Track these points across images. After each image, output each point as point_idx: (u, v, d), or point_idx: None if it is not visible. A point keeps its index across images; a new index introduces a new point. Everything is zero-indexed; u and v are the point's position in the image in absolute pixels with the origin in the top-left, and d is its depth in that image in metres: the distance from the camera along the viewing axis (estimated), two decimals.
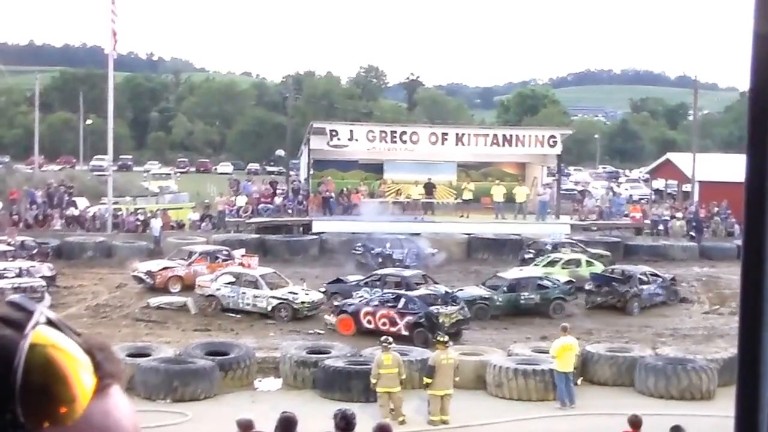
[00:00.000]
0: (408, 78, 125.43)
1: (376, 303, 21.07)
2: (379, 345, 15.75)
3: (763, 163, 1.24)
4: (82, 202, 38.72)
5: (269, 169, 73.83)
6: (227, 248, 27.79)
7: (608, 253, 30.37)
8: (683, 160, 45.60)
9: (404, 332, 19.86)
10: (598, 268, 26.58)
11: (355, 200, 35.88)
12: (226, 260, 26.63)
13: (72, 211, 35.62)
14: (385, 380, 14.83)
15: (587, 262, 27.12)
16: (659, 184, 53.05)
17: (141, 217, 34.90)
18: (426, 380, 15.01)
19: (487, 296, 23.30)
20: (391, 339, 15.84)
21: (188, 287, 24.79)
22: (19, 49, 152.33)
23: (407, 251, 28.96)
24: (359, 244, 29.80)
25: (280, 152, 73.96)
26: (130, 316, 22.77)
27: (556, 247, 29.53)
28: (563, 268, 26.32)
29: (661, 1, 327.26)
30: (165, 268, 25.95)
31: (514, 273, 25.34)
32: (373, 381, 14.97)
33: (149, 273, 25.51)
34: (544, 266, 26.65)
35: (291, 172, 46.98)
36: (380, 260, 28.08)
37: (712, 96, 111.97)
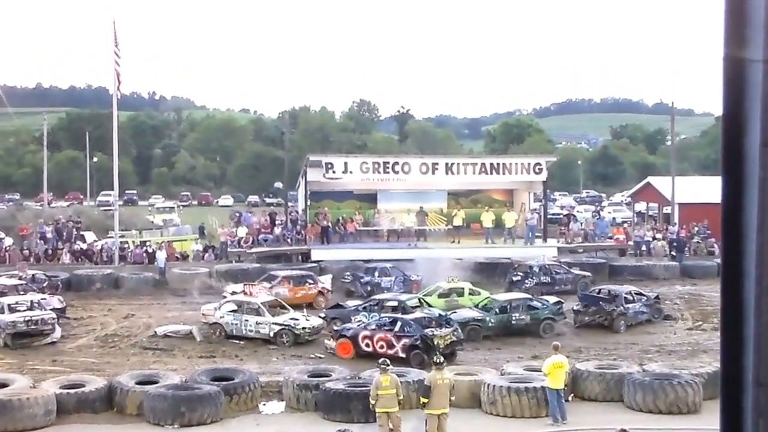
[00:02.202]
0: (399, 111, 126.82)
1: (374, 327, 21.31)
2: (377, 367, 15.91)
3: (737, 183, 1.28)
4: (89, 236, 39.30)
5: (268, 200, 74.59)
6: (312, 273, 28.92)
7: (588, 274, 30.93)
8: (663, 184, 46.25)
9: (401, 354, 20.09)
10: (482, 297, 26.11)
11: (350, 229, 36.75)
12: (310, 284, 27.81)
13: (80, 245, 36.15)
14: (384, 401, 14.98)
15: (471, 291, 26.83)
16: (641, 206, 53.52)
17: (148, 249, 35.51)
18: (423, 400, 15.12)
19: (479, 318, 23.61)
20: (388, 361, 15.95)
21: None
22: (28, 92, 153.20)
23: (394, 278, 29.53)
24: (348, 273, 30.30)
25: (279, 184, 74.78)
26: (138, 345, 22.87)
27: (541, 269, 30.03)
28: (439, 297, 26.03)
29: (638, 32, 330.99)
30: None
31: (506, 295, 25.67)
32: (372, 402, 15.14)
33: (234, 294, 26.05)
34: (424, 295, 26.32)
35: (289, 204, 47.59)
36: (369, 288, 28.54)
37: (689, 121, 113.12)
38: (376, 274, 29.67)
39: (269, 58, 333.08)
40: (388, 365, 15.59)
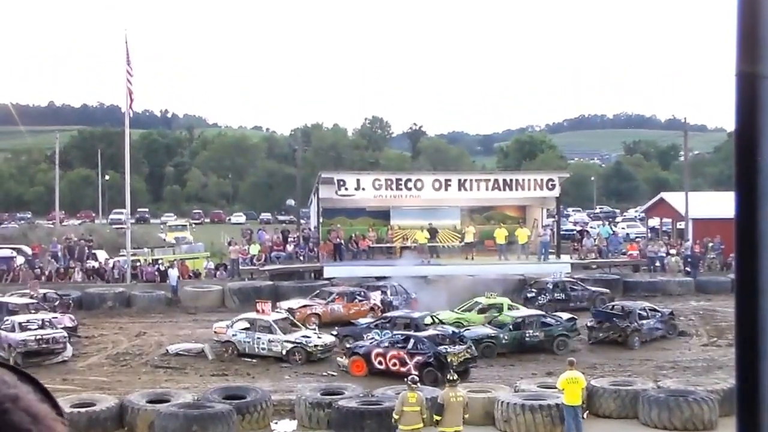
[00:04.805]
0: (411, 128, 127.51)
1: (387, 344, 21.28)
2: (389, 387, 16.07)
3: (751, 199, 1.28)
4: (101, 254, 39.44)
5: (281, 218, 74.90)
6: (364, 290, 29.22)
7: (607, 291, 30.89)
8: (676, 199, 45.91)
9: (414, 372, 19.80)
10: (520, 312, 26.13)
11: (363, 246, 36.74)
12: (361, 300, 28.15)
13: (92, 264, 36.15)
14: (409, 417, 15.00)
15: (509, 306, 26.91)
16: (654, 222, 53.47)
17: (160, 267, 35.51)
18: (436, 417, 15.15)
19: (493, 335, 23.59)
20: (417, 378, 16.09)
21: (325, 324, 25.73)
22: (40, 110, 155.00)
23: (405, 297, 29.58)
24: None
25: (291, 202, 75.14)
26: (149, 363, 22.87)
27: (557, 285, 30.03)
28: (479, 313, 26.04)
29: (650, 48, 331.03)
30: (304, 306, 27.22)
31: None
32: (395, 417, 15.12)
33: (290, 310, 26.19)
34: (462, 311, 26.52)
35: (301, 221, 47.69)
36: (381, 307, 28.43)
37: (702, 137, 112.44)
38: (388, 292, 29.67)
39: (281, 76, 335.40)
40: (416, 382, 15.65)
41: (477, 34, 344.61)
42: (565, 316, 25.48)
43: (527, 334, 23.77)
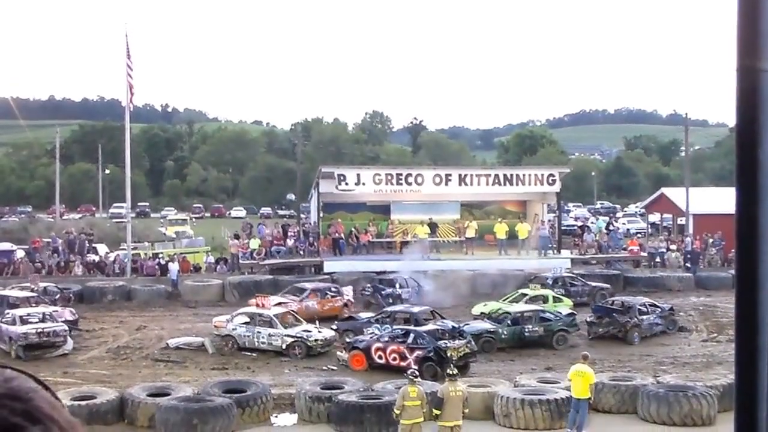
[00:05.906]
0: (412, 122, 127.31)
1: (387, 339, 21.30)
2: (389, 381, 16.09)
3: (752, 194, 1.27)
4: (102, 248, 39.40)
5: (281, 212, 74.77)
6: (336, 285, 29.51)
7: (607, 286, 30.95)
8: (677, 194, 45.85)
9: (414, 366, 19.79)
10: (567, 304, 26.68)
11: (363, 240, 36.72)
12: (334, 296, 28.33)
13: (92, 257, 36.24)
14: (411, 411, 15.06)
15: (554, 298, 27.17)
16: (655, 217, 53.38)
17: (160, 261, 35.53)
18: (435, 412, 15.14)
19: (492, 329, 23.60)
20: (417, 372, 16.16)
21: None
22: (40, 105, 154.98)
23: (410, 289, 29.69)
24: (368, 285, 30.43)
25: (291, 196, 75.13)
26: (149, 357, 22.88)
27: (557, 281, 30.09)
28: (526, 303, 26.23)
29: (651, 43, 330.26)
30: (279, 304, 26.90)
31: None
32: (396, 412, 15.16)
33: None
34: (509, 302, 26.84)
35: (302, 215, 47.62)
36: (390, 300, 28.52)
37: (703, 132, 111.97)
38: (397, 285, 29.66)
39: (282, 70, 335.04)
40: (416, 376, 15.73)
41: (477, 28, 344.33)
42: (565, 311, 25.54)
43: (526, 329, 23.80)
